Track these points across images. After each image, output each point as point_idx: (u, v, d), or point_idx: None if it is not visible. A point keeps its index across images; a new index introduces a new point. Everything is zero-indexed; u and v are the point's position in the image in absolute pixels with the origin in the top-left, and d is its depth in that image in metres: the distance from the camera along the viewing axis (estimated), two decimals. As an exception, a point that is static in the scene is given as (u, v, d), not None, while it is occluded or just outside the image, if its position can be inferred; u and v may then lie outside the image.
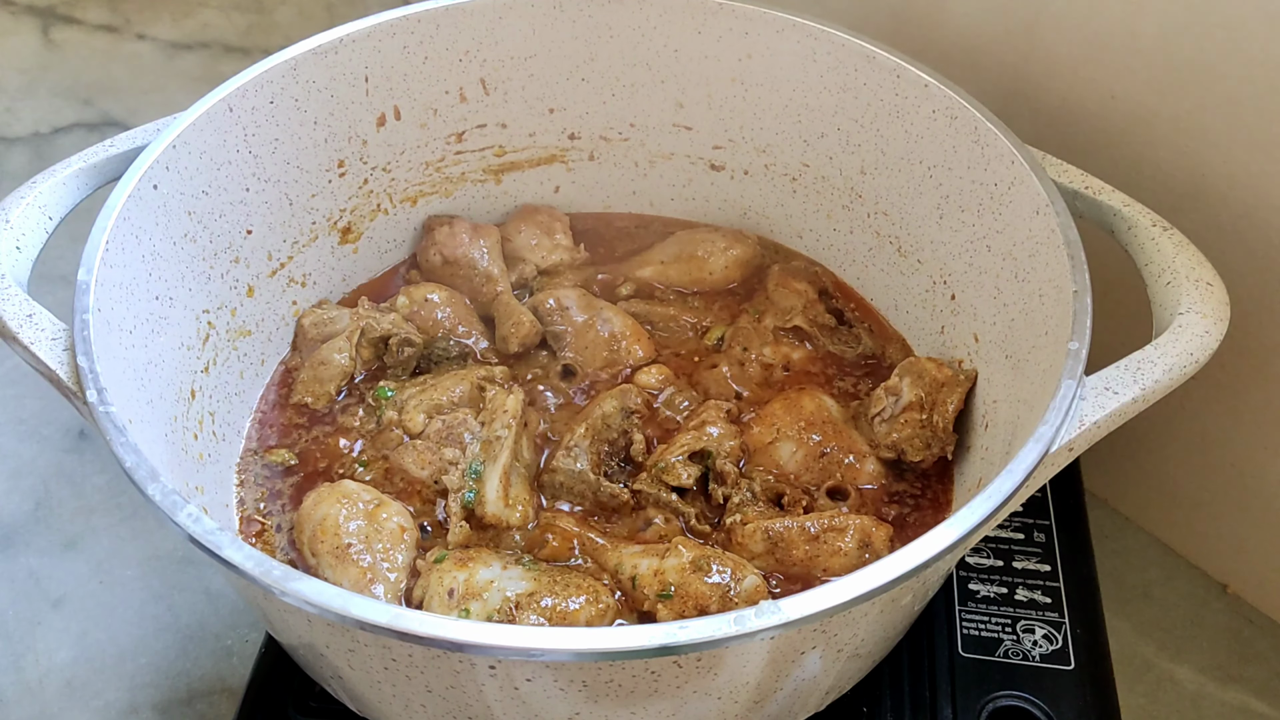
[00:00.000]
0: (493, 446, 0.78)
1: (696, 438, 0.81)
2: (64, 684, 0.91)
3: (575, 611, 0.69)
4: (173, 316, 0.78)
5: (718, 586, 0.70)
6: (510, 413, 0.79)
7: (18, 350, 0.68)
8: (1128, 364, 0.66)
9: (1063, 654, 0.81)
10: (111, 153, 0.78)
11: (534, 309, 0.91)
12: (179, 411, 0.77)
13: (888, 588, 0.55)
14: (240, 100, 0.81)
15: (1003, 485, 0.60)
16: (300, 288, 0.92)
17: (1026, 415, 0.70)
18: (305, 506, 0.77)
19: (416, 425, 0.82)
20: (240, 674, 0.91)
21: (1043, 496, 0.91)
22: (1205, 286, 0.70)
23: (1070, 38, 0.86)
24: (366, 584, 0.72)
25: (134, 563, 0.98)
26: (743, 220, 1.01)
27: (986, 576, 0.86)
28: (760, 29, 0.89)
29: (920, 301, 0.91)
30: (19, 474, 1.05)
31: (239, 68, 0.81)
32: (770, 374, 0.88)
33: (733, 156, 0.98)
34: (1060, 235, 0.72)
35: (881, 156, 0.89)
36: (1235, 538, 0.95)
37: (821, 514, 0.76)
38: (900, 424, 0.81)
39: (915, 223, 0.89)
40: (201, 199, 0.80)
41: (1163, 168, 0.84)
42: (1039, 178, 0.75)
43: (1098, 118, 0.87)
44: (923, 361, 0.84)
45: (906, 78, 0.84)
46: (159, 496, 0.59)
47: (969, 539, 0.59)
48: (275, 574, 0.55)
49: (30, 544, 1.00)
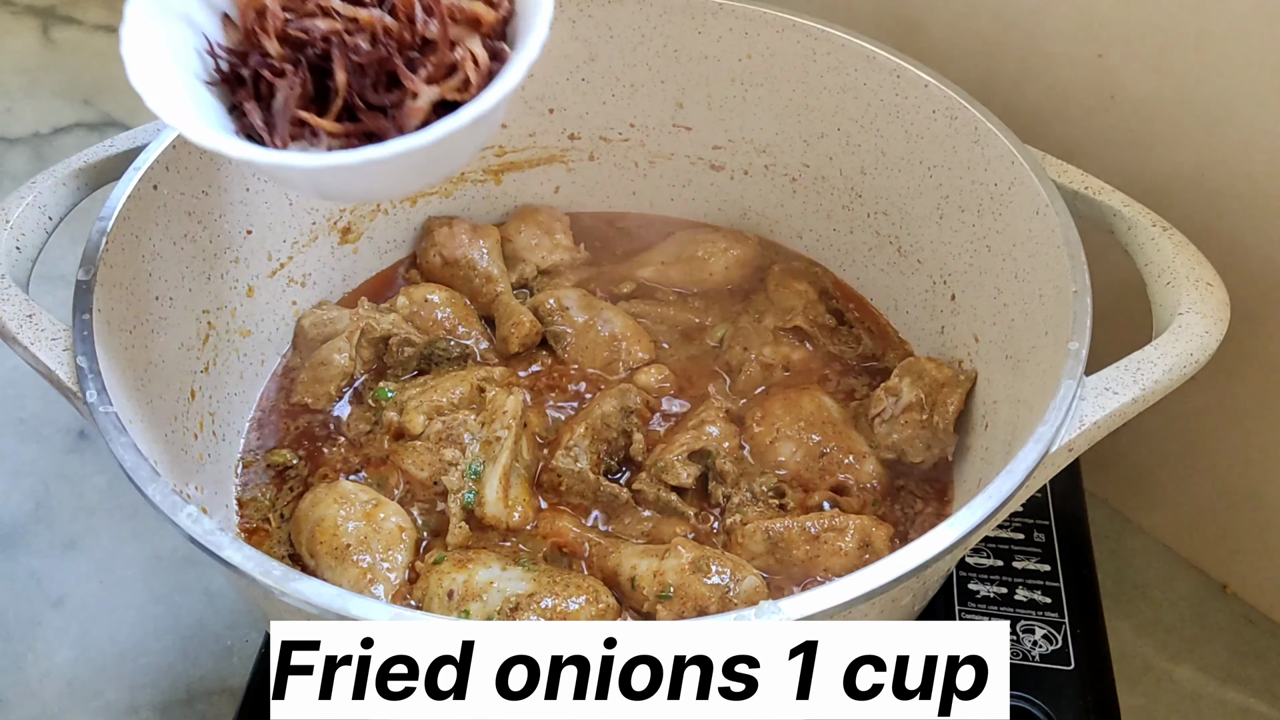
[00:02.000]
0: (492, 447, 0.78)
1: (696, 437, 0.81)
2: (64, 684, 0.91)
3: (575, 612, 0.69)
4: (173, 316, 0.78)
5: (717, 587, 0.70)
6: (510, 413, 0.79)
7: (18, 350, 0.68)
8: (1128, 364, 0.66)
9: (1063, 654, 0.81)
10: (111, 153, 0.78)
11: (534, 309, 0.92)
12: (179, 411, 0.77)
13: (888, 588, 0.55)
14: (240, 100, 0.81)
15: (1003, 485, 0.60)
16: (300, 288, 0.92)
17: (1026, 415, 0.70)
18: (303, 507, 0.78)
19: (417, 426, 0.82)
20: (240, 674, 0.91)
21: (1043, 496, 0.91)
22: (1205, 286, 0.70)
23: (1070, 37, 0.86)
24: (366, 584, 0.72)
25: (134, 563, 0.98)
26: (743, 220, 1.01)
27: (986, 576, 0.86)
28: (760, 29, 0.89)
29: (920, 301, 0.91)
30: (19, 474, 1.05)
31: (239, 68, 0.81)
32: (770, 374, 0.88)
33: (733, 156, 0.98)
34: (1060, 235, 0.72)
35: (881, 156, 0.89)
36: (1235, 538, 0.95)
37: (821, 514, 0.76)
38: (900, 424, 0.81)
39: (915, 223, 0.89)
40: (201, 199, 0.80)
41: (1163, 168, 0.84)
42: (1039, 178, 0.75)
43: (1098, 118, 0.87)
44: (923, 361, 0.84)
45: (906, 78, 0.84)
46: (159, 497, 0.59)
47: (969, 539, 0.59)
48: (275, 574, 0.55)
49: (30, 544, 1.00)
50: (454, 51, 0.61)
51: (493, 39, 0.63)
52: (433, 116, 0.61)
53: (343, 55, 0.61)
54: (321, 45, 0.61)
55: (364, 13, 0.61)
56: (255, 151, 0.59)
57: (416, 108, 0.61)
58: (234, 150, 0.59)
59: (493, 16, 0.63)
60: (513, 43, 0.64)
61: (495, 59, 0.62)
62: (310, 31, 0.61)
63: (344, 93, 0.61)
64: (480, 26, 0.62)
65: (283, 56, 0.62)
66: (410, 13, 0.61)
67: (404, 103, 0.61)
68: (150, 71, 0.60)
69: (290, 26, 0.61)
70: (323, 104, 0.61)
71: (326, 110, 0.61)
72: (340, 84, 0.60)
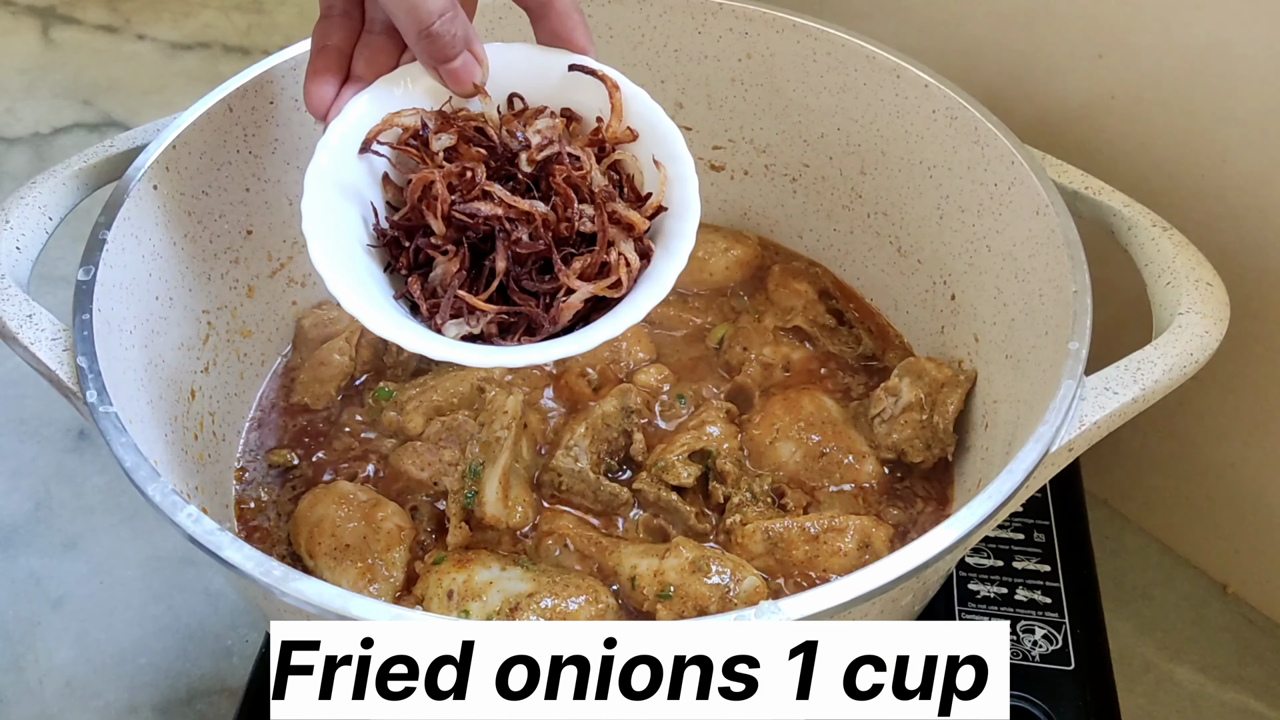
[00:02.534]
0: (492, 448, 0.78)
1: (696, 437, 0.81)
2: (64, 684, 0.91)
3: (575, 611, 0.69)
4: (173, 316, 0.78)
5: (717, 587, 0.70)
6: (510, 414, 0.79)
7: (18, 350, 0.68)
8: (1128, 364, 0.66)
9: (1063, 654, 0.81)
10: (111, 153, 0.78)
11: (534, 309, 0.92)
12: (179, 411, 0.77)
13: (888, 588, 0.55)
14: (240, 100, 0.81)
15: (1003, 485, 0.60)
16: (300, 288, 0.92)
17: (1026, 415, 0.70)
18: (302, 508, 0.78)
19: (416, 426, 0.82)
20: (240, 674, 0.91)
21: (1043, 496, 0.91)
22: (1205, 286, 0.70)
23: (1070, 38, 0.86)
24: (365, 584, 0.72)
25: (134, 563, 0.98)
26: (743, 220, 1.01)
27: (986, 576, 0.86)
28: (760, 29, 0.89)
29: (920, 301, 0.91)
30: (19, 474, 1.05)
31: (239, 68, 0.81)
32: (770, 374, 0.88)
33: (733, 156, 0.98)
34: (1060, 235, 0.72)
35: (881, 156, 0.89)
36: (1235, 538, 0.95)
37: (821, 514, 0.76)
38: (900, 424, 0.81)
39: (915, 223, 0.89)
40: (201, 199, 0.80)
41: (1163, 168, 0.84)
42: (1039, 178, 0.75)
43: (1098, 118, 0.87)
44: (923, 361, 0.84)
45: (906, 78, 0.84)
46: (159, 497, 0.59)
47: (969, 539, 0.59)
48: (275, 574, 0.55)
49: (30, 544, 1.00)
50: (609, 252, 0.65)
51: (642, 240, 0.66)
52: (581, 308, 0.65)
53: (505, 244, 0.64)
54: (483, 229, 0.64)
55: (525, 203, 0.65)
56: (434, 346, 0.63)
57: (571, 304, 0.64)
58: (414, 345, 0.62)
59: (645, 225, 0.66)
60: (657, 238, 0.67)
61: (643, 258, 0.66)
62: (475, 215, 0.64)
63: (501, 277, 0.64)
64: (633, 231, 0.66)
65: (445, 237, 0.65)
66: (569, 205, 0.65)
67: (557, 295, 0.64)
68: (328, 252, 0.64)
69: (455, 209, 0.64)
70: (474, 280, 0.65)
71: (479, 287, 0.64)
72: (500, 270, 0.64)
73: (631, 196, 0.68)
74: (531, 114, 0.69)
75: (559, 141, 0.66)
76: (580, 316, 0.65)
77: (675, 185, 0.67)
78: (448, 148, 0.67)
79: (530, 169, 0.66)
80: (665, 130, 0.67)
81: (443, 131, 0.67)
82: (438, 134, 0.67)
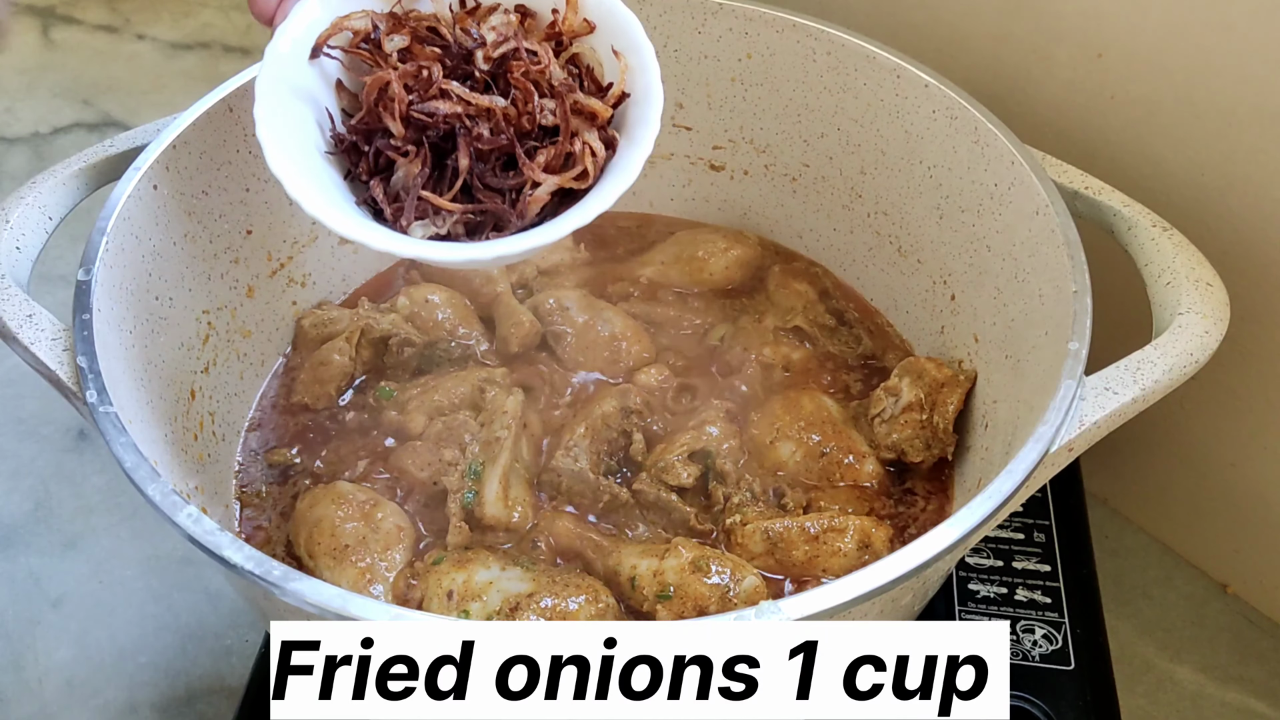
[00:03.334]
0: (492, 448, 0.78)
1: (696, 437, 0.81)
2: (64, 684, 0.91)
3: (575, 611, 0.69)
4: (173, 316, 0.78)
5: (717, 587, 0.70)
6: (510, 414, 0.79)
7: (18, 350, 0.68)
8: (1128, 364, 0.66)
9: (1063, 654, 0.81)
10: (111, 153, 0.78)
11: (534, 309, 0.91)
12: (179, 411, 0.77)
13: (888, 588, 0.55)
14: (240, 100, 0.80)
15: (1003, 485, 0.60)
16: (300, 288, 0.92)
17: (1026, 415, 0.70)
18: (301, 508, 0.78)
19: (417, 426, 0.82)
20: (240, 674, 0.91)
21: (1043, 496, 0.91)
22: (1205, 286, 0.70)
23: (1070, 37, 0.86)
24: (365, 584, 0.72)
25: (134, 563, 0.98)
26: (743, 220, 1.01)
27: (986, 576, 0.86)
28: (760, 29, 0.89)
29: (920, 301, 0.91)
30: (19, 474, 1.05)
31: (239, 68, 0.81)
32: (770, 374, 0.88)
33: (733, 156, 0.98)
34: (1060, 235, 0.72)
35: (881, 156, 0.89)
36: (1235, 538, 0.95)
37: (821, 514, 0.76)
38: (900, 424, 0.81)
39: (915, 223, 0.89)
40: (201, 199, 0.80)
41: (1163, 168, 0.84)
42: (1039, 178, 0.75)
43: (1098, 118, 0.87)
44: (923, 361, 0.84)
45: (906, 78, 0.84)
46: (159, 497, 0.59)
47: (969, 539, 0.59)
48: (275, 574, 0.55)
49: (30, 544, 1.00)
50: (573, 143, 0.64)
51: (606, 130, 0.65)
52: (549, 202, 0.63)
53: (467, 141, 0.63)
54: (443, 127, 0.63)
55: (484, 99, 0.63)
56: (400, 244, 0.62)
57: (538, 197, 0.63)
58: (380, 243, 0.61)
59: (608, 113, 0.65)
60: (621, 128, 0.66)
61: (608, 148, 0.65)
62: (433, 115, 0.63)
63: (464, 175, 0.63)
64: (596, 120, 0.65)
65: (405, 138, 0.64)
66: (529, 100, 0.63)
67: (523, 190, 0.63)
68: (286, 156, 0.63)
69: (414, 109, 0.63)
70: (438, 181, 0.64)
71: (443, 188, 0.63)
72: (463, 168, 0.63)
73: (592, 88, 0.66)
74: (485, 11, 0.67)
75: (515, 37, 0.65)
76: (548, 211, 0.64)
77: (637, 74, 0.65)
78: (401, 49, 0.65)
79: (487, 67, 0.64)
80: (623, 19, 0.66)
81: (395, 33, 0.65)
82: (390, 35, 0.65)
